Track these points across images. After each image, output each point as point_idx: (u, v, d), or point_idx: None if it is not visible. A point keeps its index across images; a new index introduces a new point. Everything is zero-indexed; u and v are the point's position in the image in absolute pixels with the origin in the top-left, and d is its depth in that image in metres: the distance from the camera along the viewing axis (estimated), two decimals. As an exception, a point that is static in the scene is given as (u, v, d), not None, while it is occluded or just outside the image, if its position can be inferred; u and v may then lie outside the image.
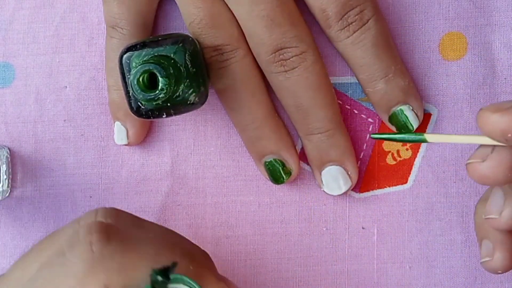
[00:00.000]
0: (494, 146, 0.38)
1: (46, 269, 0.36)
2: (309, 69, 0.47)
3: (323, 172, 0.49)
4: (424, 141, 0.41)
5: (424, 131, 0.50)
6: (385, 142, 0.50)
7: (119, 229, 0.37)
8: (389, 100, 0.48)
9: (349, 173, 0.49)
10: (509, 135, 0.35)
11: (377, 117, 0.50)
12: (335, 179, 0.49)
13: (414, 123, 0.49)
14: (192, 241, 0.50)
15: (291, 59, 0.47)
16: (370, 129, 0.50)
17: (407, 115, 0.48)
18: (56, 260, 0.36)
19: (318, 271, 0.50)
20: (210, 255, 0.50)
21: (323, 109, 0.48)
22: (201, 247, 0.50)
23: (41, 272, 0.36)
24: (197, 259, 0.39)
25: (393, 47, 0.49)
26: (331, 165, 0.49)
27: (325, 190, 0.49)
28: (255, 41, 0.47)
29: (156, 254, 0.36)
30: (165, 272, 0.34)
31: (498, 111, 0.37)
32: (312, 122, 0.48)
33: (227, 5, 0.47)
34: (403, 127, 0.49)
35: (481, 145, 0.39)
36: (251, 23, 0.47)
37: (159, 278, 0.34)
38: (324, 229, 0.50)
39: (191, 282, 0.35)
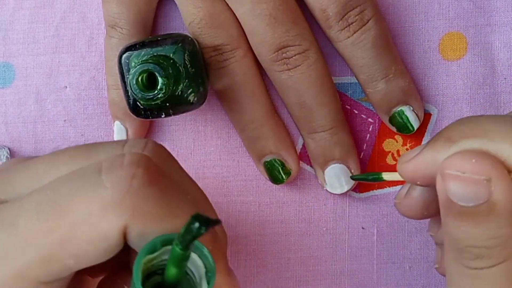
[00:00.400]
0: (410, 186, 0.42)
1: (75, 178, 0.33)
2: (312, 67, 0.47)
3: (326, 171, 0.49)
4: (381, 179, 0.44)
5: (424, 131, 0.50)
6: (385, 142, 0.50)
7: (164, 176, 0.34)
8: (389, 100, 0.48)
9: (352, 171, 0.49)
10: (418, 182, 0.37)
11: (377, 117, 0.50)
12: (338, 177, 0.49)
13: (415, 123, 0.49)
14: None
15: (294, 57, 0.47)
16: (370, 129, 0.50)
17: (407, 115, 0.48)
18: (89, 175, 0.32)
19: (318, 271, 0.50)
20: (210, 255, 0.50)
21: (326, 106, 0.48)
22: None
23: (69, 178, 0.33)
24: (220, 241, 0.36)
25: (393, 47, 0.49)
26: (334, 164, 0.49)
27: (327, 189, 0.49)
28: (257, 39, 0.47)
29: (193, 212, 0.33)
30: (206, 223, 0.29)
31: (404, 162, 0.39)
32: (316, 120, 0.48)
33: (226, 4, 0.47)
34: (403, 128, 0.49)
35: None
36: (254, 22, 0.47)
37: (196, 225, 0.29)
38: (324, 229, 0.50)
39: (209, 256, 0.32)
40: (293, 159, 0.49)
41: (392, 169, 0.50)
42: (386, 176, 0.44)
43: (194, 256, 0.32)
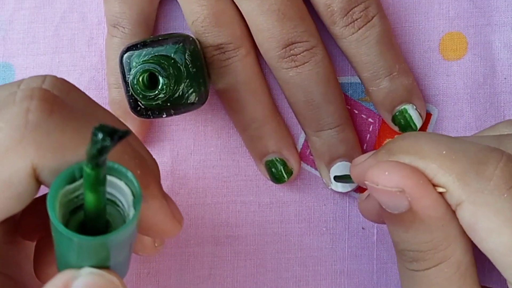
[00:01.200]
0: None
1: None
2: (319, 64, 0.47)
3: (332, 169, 0.49)
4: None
5: (425, 131, 0.50)
6: (385, 142, 0.50)
7: (67, 105, 0.31)
8: (393, 99, 0.48)
9: None
10: (365, 182, 0.38)
11: (378, 117, 0.50)
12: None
13: (418, 122, 0.49)
14: (192, 240, 0.50)
15: (302, 54, 0.47)
16: (370, 129, 0.50)
17: (411, 114, 0.48)
18: None
19: (318, 271, 0.50)
20: (210, 255, 0.50)
21: (333, 104, 0.48)
22: (201, 247, 0.50)
23: None
24: (147, 165, 0.33)
25: (396, 45, 0.49)
26: (340, 161, 0.49)
27: (332, 188, 0.49)
28: (264, 36, 0.47)
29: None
30: (111, 134, 0.26)
31: (353, 165, 0.41)
32: (323, 118, 0.48)
33: (230, 3, 0.47)
34: (406, 127, 0.49)
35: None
36: (262, 18, 0.47)
37: (100, 136, 0.26)
38: (324, 229, 0.50)
39: (134, 180, 0.29)
40: (294, 158, 0.49)
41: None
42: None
43: (119, 183, 0.30)
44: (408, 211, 0.37)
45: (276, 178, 0.49)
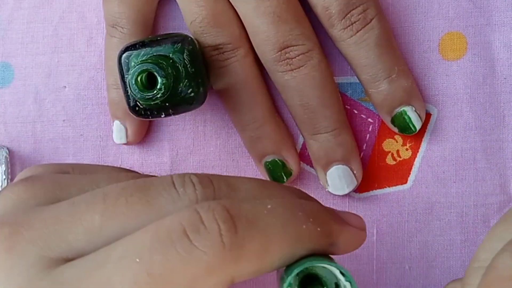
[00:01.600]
0: None
1: (162, 242, 0.31)
2: (315, 67, 0.47)
3: (329, 172, 0.49)
4: None
5: (424, 131, 0.50)
6: (385, 142, 0.50)
7: (243, 212, 0.33)
8: (392, 101, 0.48)
9: (354, 172, 0.49)
10: None
11: (377, 117, 0.50)
12: (340, 178, 0.49)
13: (417, 124, 0.49)
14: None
15: (297, 57, 0.47)
16: (370, 129, 0.50)
17: (410, 116, 0.48)
18: (177, 241, 0.31)
19: (318, 271, 0.50)
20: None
21: (329, 108, 0.48)
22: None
23: (154, 242, 0.31)
24: (319, 214, 0.34)
25: (395, 47, 0.48)
26: (336, 165, 0.49)
27: (329, 190, 0.49)
28: (260, 38, 0.47)
29: (285, 232, 0.32)
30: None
31: None
32: (319, 122, 0.48)
33: (229, 3, 0.47)
34: (405, 128, 0.49)
35: None
36: (257, 20, 0.47)
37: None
38: (324, 229, 0.50)
39: (337, 266, 0.32)
40: (294, 159, 0.49)
41: (392, 169, 0.50)
42: None
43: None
44: None
45: (275, 179, 0.49)
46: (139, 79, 0.42)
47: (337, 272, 0.32)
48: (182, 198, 0.33)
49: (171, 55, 0.44)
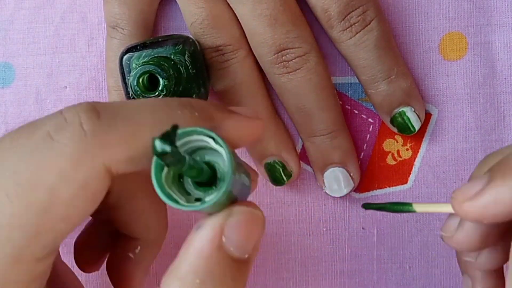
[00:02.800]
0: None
1: (27, 156, 0.32)
2: (312, 70, 0.47)
3: (325, 174, 0.49)
4: (412, 211, 0.38)
5: (424, 132, 0.50)
6: (386, 142, 0.50)
7: (108, 104, 0.34)
8: (391, 101, 0.48)
9: (351, 174, 0.49)
10: (485, 221, 0.34)
11: (378, 117, 0.50)
12: (337, 181, 0.49)
13: (416, 124, 0.49)
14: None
15: (294, 60, 0.47)
16: (370, 129, 0.50)
17: (409, 116, 0.48)
18: (42, 145, 0.32)
19: (318, 271, 0.50)
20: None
21: (326, 110, 0.48)
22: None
23: (21, 160, 0.32)
24: (198, 103, 0.35)
25: (395, 48, 0.49)
26: (333, 167, 0.49)
27: (327, 192, 0.49)
28: (257, 40, 0.47)
29: (155, 118, 0.33)
30: (168, 137, 0.29)
31: (467, 200, 0.35)
32: (315, 124, 0.48)
33: (228, 5, 0.47)
34: (404, 129, 0.49)
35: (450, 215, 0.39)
36: (254, 22, 0.47)
37: (163, 145, 0.29)
38: (324, 229, 0.50)
39: (203, 131, 0.32)
40: (294, 160, 0.49)
41: (392, 169, 0.50)
42: (419, 208, 0.38)
43: (192, 139, 0.32)
44: None
45: (276, 181, 0.49)
46: (140, 80, 0.43)
47: (212, 143, 0.32)
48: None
49: (172, 56, 0.44)
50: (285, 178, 0.49)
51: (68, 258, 0.43)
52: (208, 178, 0.33)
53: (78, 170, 0.32)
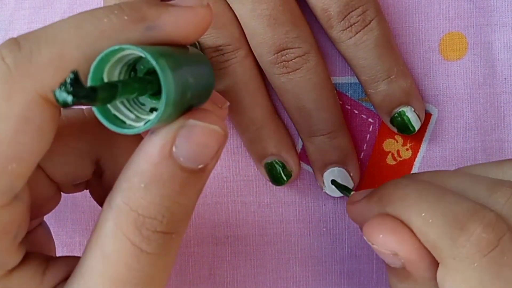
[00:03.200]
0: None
1: None
2: (311, 70, 0.47)
3: (325, 174, 0.49)
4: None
5: (424, 132, 0.50)
6: (386, 142, 0.50)
7: (30, 33, 0.32)
8: (391, 101, 0.48)
9: (351, 174, 0.49)
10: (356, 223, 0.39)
11: (377, 117, 0.50)
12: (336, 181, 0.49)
13: (416, 124, 0.49)
14: (192, 240, 0.50)
15: (293, 60, 0.47)
16: (370, 129, 0.50)
17: (408, 116, 0.48)
18: None
19: (318, 271, 0.50)
20: (210, 255, 0.50)
21: (325, 111, 0.48)
22: (201, 247, 0.50)
23: None
24: (128, 4, 0.33)
25: (395, 48, 0.49)
26: (333, 167, 0.49)
27: (326, 192, 0.49)
28: (257, 40, 0.47)
29: (80, 33, 0.31)
30: (70, 84, 0.27)
31: (349, 203, 0.42)
32: (315, 124, 0.48)
33: (228, 5, 0.47)
34: (404, 129, 0.49)
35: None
36: (254, 22, 0.47)
37: (64, 96, 0.27)
38: (324, 229, 0.50)
39: (123, 46, 0.30)
40: (294, 160, 0.49)
41: (392, 169, 0.50)
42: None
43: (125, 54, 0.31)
44: (403, 269, 0.37)
45: (275, 180, 0.49)
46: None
47: (142, 53, 0.30)
48: None
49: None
50: (285, 177, 0.49)
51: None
52: (159, 87, 0.31)
53: (11, 105, 0.30)
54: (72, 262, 0.36)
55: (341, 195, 0.49)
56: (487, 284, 0.35)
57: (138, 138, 0.37)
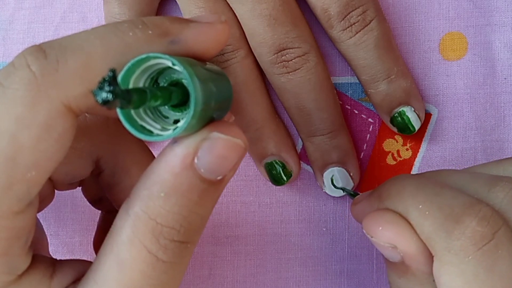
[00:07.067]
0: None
1: None
2: (311, 70, 0.47)
3: (325, 174, 0.49)
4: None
5: (424, 132, 0.50)
6: (386, 142, 0.50)
7: (55, 41, 0.32)
8: (391, 101, 0.48)
9: (351, 174, 0.49)
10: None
11: (378, 117, 0.50)
12: (336, 180, 0.49)
13: (416, 124, 0.49)
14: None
15: (293, 60, 0.47)
16: (370, 129, 0.50)
17: (408, 116, 0.48)
18: None
19: (318, 271, 0.50)
20: (210, 255, 0.50)
21: (325, 110, 0.48)
22: (201, 247, 0.50)
23: None
24: (152, 20, 0.33)
25: (395, 48, 0.49)
26: (333, 167, 0.49)
27: (326, 192, 0.49)
28: (257, 40, 0.47)
29: (105, 45, 0.32)
30: (108, 83, 0.27)
31: (353, 204, 0.42)
32: (315, 124, 0.48)
33: (228, 4, 0.47)
34: (404, 128, 0.49)
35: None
36: (254, 22, 0.47)
37: (103, 94, 0.27)
38: (324, 229, 0.50)
39: (155, 55, 0.30)
40: (294, 160, 0.49)
41: (392, 169, 0.50)
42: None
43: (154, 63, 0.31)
44: (402, 263, 0.38)
45: (276, 180, 0.49)
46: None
47: (170, 63, 0.31)
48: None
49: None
50: (285, 177, 0.49)
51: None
52: (182, 98, 0.32)
53: (36, 113, 0.31)
54: (78, 266, 0.36)
55: (341, 195, 0.49)
56: (481, 277, 0.35)
57: (138, 138, 0.37)
